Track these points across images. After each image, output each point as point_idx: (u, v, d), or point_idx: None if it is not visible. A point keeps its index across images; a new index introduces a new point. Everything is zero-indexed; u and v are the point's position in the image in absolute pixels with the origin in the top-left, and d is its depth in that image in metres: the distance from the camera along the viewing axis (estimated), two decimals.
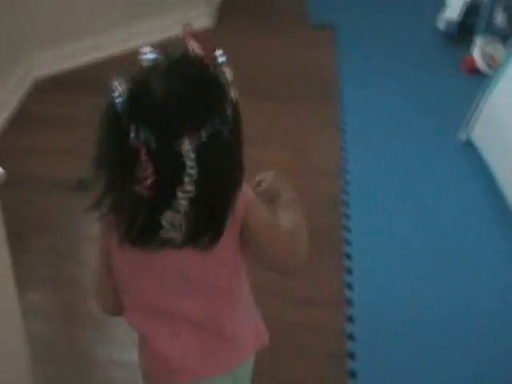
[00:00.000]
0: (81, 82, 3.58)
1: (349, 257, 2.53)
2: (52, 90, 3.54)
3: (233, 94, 1.19)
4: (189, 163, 1.16)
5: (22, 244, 2.59)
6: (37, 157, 3.09)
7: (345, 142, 3.12)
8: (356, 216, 2.71)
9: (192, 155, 1.15)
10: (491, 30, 3.71)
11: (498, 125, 2.83)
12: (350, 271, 2.47)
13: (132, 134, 1.13)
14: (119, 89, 1.14)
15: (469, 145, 3.05)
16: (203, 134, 1.15)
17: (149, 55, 1.18)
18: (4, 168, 1.59)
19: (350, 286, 2.41)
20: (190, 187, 1.17)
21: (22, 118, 3.36)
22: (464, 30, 3.88)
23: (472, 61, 3.62)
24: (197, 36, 1.19)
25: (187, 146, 1.15)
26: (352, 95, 3.46)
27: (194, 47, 1.19)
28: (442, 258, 2.53)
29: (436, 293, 2.38)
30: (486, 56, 3.61)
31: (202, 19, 4.08)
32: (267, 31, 4.10)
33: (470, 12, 3.83)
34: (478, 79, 3.28)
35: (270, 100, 3.45)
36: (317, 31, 4.10)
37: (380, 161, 3.00)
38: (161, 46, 1.19)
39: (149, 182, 1.15)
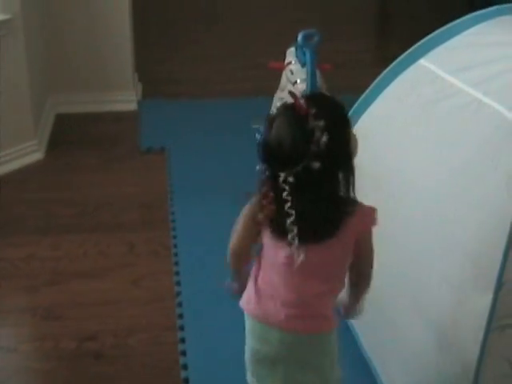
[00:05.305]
0: None
1: (187, 381, 2.57)
2: None
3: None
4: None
5: None
6: None
7: (178, 266, 3.20)
8: (192, 338, 2.76)
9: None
10: None
11: None
12: None
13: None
14: None
15: None
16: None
17: None
18: None
19: None
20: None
21: None
22: None
23: None
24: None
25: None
26: (184, 216, 3.55)
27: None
28: None
29: None
30: None
31: (33, 153, 4.07)
32: (98, 161, 4.14)
33: None
34: None
35: (100, 230, 3.46)
36: (149, 156, 4.18)
37: (213, 279, 3.06)
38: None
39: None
